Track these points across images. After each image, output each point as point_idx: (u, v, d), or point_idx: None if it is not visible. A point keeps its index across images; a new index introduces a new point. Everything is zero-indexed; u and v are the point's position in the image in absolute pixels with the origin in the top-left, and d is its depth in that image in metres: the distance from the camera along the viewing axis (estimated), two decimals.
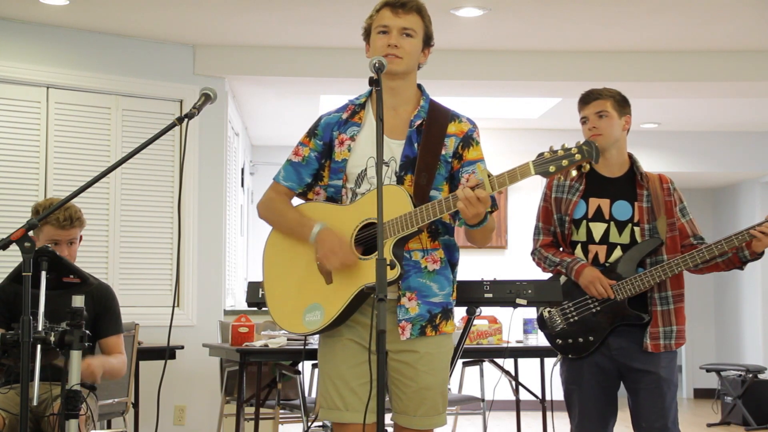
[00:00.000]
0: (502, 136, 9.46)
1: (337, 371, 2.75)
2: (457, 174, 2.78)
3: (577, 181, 3.59)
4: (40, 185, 5.72)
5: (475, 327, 5.34)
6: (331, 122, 2.84)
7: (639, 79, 6.59)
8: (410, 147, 2.76)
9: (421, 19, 2.79)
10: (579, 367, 3.58)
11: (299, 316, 2.73)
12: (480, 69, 6.55)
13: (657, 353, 3.49)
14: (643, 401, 3.50)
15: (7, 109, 5.70)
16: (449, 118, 2.82)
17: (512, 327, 4.72)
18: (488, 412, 5.95)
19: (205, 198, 6.33)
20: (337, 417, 2.75)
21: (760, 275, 9.77)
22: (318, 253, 2.71)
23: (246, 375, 5.18)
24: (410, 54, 2.75)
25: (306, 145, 2.86)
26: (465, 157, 2.79)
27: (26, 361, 2.53)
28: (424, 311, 2.74)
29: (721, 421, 8.54)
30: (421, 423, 2.75)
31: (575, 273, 3.53)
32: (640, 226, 3.52)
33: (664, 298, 3.52)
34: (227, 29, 6.04)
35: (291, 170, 2.86)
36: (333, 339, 2.78)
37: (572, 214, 3.57)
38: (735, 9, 5.63)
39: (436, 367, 2.76)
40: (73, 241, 3.79)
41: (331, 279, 2.71)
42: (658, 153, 9.47)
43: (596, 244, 3.56)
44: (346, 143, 2.80)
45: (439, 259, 2.78)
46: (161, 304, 6.00)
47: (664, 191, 3.57)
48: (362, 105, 2.85)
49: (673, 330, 3.51)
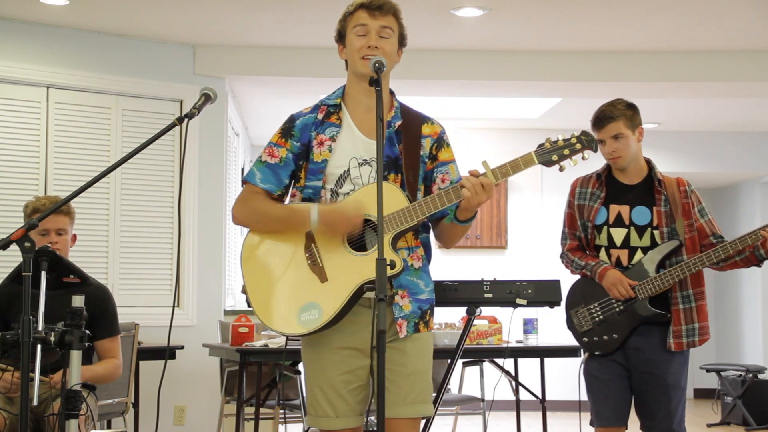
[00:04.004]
0: (502, 136, 9.46)
1: (327, 379, 2.74)
2: (431, 174, 2.83)
3: (598, 188, 3.74)
4: (40, 185, 5.72)
5: (475, 327, 5.34)
6: (308, 123, 2.81)
7: (639, 79, 6.60)
8: (390, 147, 2.77)
9: (396, 21, 2.80)
10: (601, 364, 3.71)
11: (294, 316, 2.69)
12: (480, 69, 6.55)
13: (670, 358, 3.62)
14: (650, 402, 3.63)
15: (7, 109, 5.70)
16: (421, 120, 2.86)
17: (512, 327, 4.73)
18: (488, 412, 5.95)
19: (205, 198, 6.33)
20: (327, 425, 2.75)
21: (760, 275, 9.77)
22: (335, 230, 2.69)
23: (246, 375, 5.18)
24: (389, 55, 2.75)
25: (282, 146, 2.80)
26: (439, 157, 2.84)
27: (26, 361, 2.53)
28: (416, 308, 2.77)
29: (721, 421, 8.54)
30: (412, 410, 2.74)
31: (599, 276, 3.68)
32: (659, 230, 3.66)
33: (685, 297, 3.67)
34: (227, 29, 6.05)
35: (268, 172, 2.80)
36: (320, 347, 2.76)
37: (594, 220, 3.71)
38: (735, 9, 5.63)
39: (424, 354, 2.79)
40: (61, 231, 3.82)
41: (325, 277, 2.70)
42: (658, 153, 9.45)
43: (618, 249, 3.70)
44: (326, 144, 2.77)
45: (420, 257, 2.81)
46: (161, 304, 6.00)
47: (681, 194, 3.70)
48: (337, 105, 2.83)
49: (696, 327, 3.66)
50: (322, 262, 2.71)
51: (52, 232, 3.79)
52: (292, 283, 2.73)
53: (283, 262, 2.75)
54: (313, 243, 2.73)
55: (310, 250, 2.73)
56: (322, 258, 2.72)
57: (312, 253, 2.73)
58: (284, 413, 5.53)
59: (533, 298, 3.23)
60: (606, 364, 3.69)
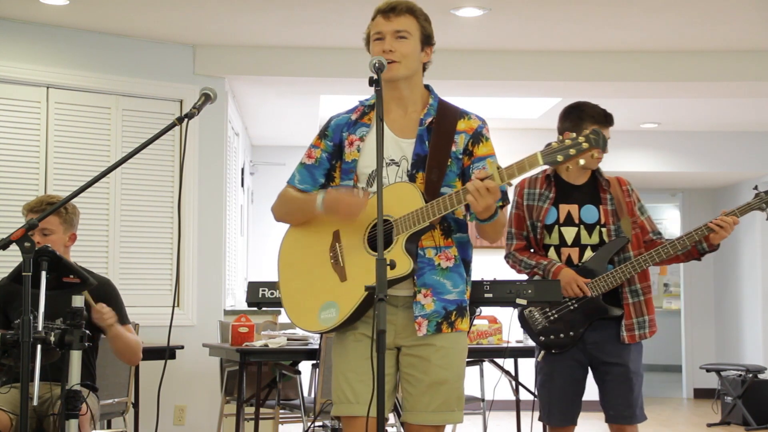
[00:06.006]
0: (502, 136, 9.43)
1: (349, 364, 2.76)
2: (468, 170, 2.82)
3: (546, 188, 3.81)
4: (40, 185, 5.72)
5: (475, 327, 5.34)
6: (340, 123, 2.88)
7: (639, 79, 6.60)
8: (421, 145, 2.79)
9: (415, 20, 2.80)
10: (556, 361, 3.77)
11: (314, 314, 2.75)
12: (480, 69, 6.55)
13: (628, 346, 3.72)
14: (613, 391, 3.73)
15: (7, 109, 5.70)
16: (458, 115, 2.85)
17: (512, 327, 4.72)
18: (488, 412, 5.95)
19: (205, 198, 6.33)
20: (348, 410, 2.75)
21: (760, 275, 9.77)
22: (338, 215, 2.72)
23: (246, 375, 5.18)
24: (407, 56, 2.76)
25: (317, 146, 2.89)
26: (475, 153, 2.82)
27: (26, 361, 2.53)
28: (440, 308, 2.75)
29: (721, 421, 8.54)
30: (433, 418, 2.74)
31: (552, 274, 3.72)
32: (606, 227, 3.76)
33: (634, 291, 3.75)
34: (227, 29, 6.05)
35: (305, 173, 2.89)
36: (346, 333, 2.80)
37: (544, 220, 3.78)
38: (735, 9, 5.64)
39: (451, 363, 2.77)
40: (46, 231, 3.79)
41: (345, 276, 2.73)
42: (658, 153, 9.47)
43: (569, 247, 3.78)
44: (355, 144, 2.83)
45: (453, 257, 2.80)
46: (161, 304, 6.00)
47: (624, 193, 3.82)
48: (371, 106, 2.87)
49: (646, 320, 3.75)
50: (343, 261, 2.75)
51: (37, 233, 3.71)
52: (316, 281, 2.78)
53: (310, 259, 2.82)
54: (338, 242, 2.78)
55: (334, 249, 2.78)
56: (344, 257, 2.75)
57: (335, 252, 2.78)
58: (284, 413, 5.53)
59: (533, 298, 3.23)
60: (561, 362, 3.74)
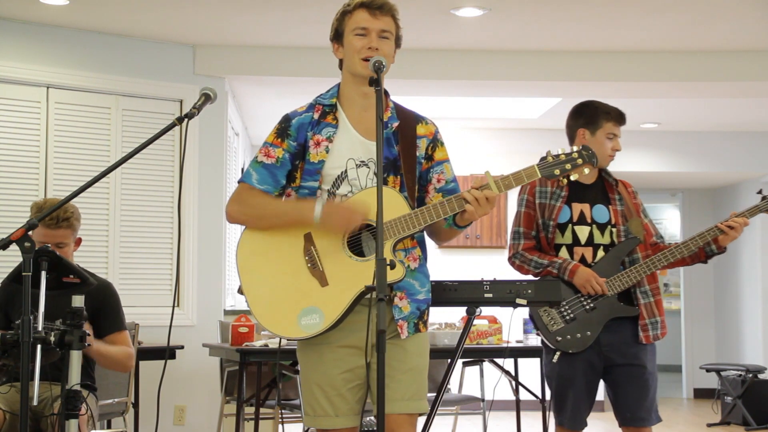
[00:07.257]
0: (502, 136, 9.45)
1: (327, 378, 2.73)
2: (426, 174, 2.83)
3: (559, 187, 3.77)
4: (40, 185, 5.72)
5: (475, 327, 5.34)
6: (304, 123, 2.78)
7: (639, 79, 6.60)
8: (389, 148, 2.76)
9: (395, 21, 2.80)
10: (572, 363, 3.71)
11: (293, 320, 2.67)
12: (480, 69, 6.55)
13: (645, 347, 3.70)
14: (630, 393, 3.68)
15: (7, 109, 5.70)
16: (416, 120, 2.85)
17: (512, 327, 4.73)
18: (488, 412, 5.95)
19: (205, 198, 6.33)
20: (327, 424, 2.74)
21: (760, 275, 9.77)
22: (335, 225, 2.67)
23: (246, 375, 5.18)
24: (388, 56, 2.74)
25: (278, 146, 2.78)
26: (434, 157, 2.84)
27: (26, 361, 2.53)
28: (414, 309, 2.77)
29: (721, 421, 8.54)
30: (410, 406, 2.73)
31: (569, 273, 3.68)
32: (616, 228, 3.74)
33: (644, 292, 3.73)
34: (227, 29, 6.05)
35: (265, 173, 2.77)
36: (320, 346, 2.73)
37: (557, 218, 3.74)
38: (735, 9, 5.64)
39: (423, 352, 2.80)
40: (61, 244, 3.76)
41: (326, 281, 2.68)
42: (658, 153, 9.47)
43: (582, 246, 3.74)
44: (323, 144, 2.75)
45: (417, 257, 2.81)
46: (161, 304, 6.00)
47: (631, 195, 3.83)
48: (333, 105, 2.81)
49: (658, 321, 3.72)
50: (322, 265, 2.69)
51: (53, 247, 3.70)
52: (291, 286, 2.70)
53: (281, 263, 2.72)
54: (312, 246, 2.70)
55: (309, 253, 2.70)
56: (322, 261, 2.69)
57: (312, 256, 2.70)
58: (284, 413, 5.52)
59: (533, 297, 3.22)
60: (575, 363, 3.69)
